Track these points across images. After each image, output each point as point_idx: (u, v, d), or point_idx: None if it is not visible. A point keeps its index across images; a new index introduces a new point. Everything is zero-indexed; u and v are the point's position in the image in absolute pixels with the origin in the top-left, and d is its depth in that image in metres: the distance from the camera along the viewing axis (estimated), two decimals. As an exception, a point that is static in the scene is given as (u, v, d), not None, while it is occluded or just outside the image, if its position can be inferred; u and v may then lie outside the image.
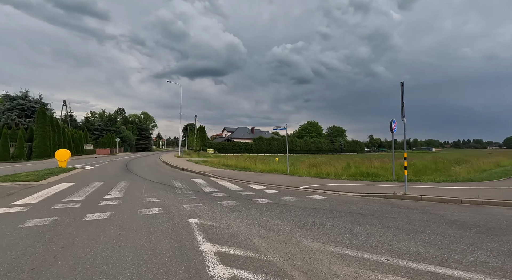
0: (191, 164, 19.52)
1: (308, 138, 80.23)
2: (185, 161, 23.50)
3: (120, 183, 9.51)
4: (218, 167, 16.76)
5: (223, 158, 26.21)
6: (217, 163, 20.30)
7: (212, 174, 12.87)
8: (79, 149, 33.93)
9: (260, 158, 25.21)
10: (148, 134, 76.86)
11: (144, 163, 22.49)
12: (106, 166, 18.22)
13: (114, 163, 21.76)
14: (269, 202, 6.47)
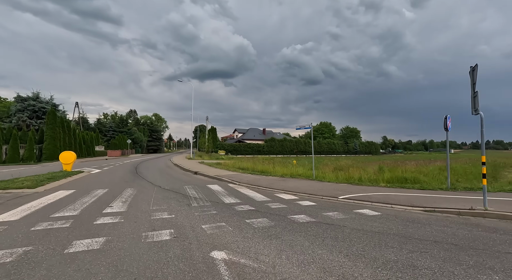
0: (204, 167, 18.23)
1: (321, 140, 78.00)
2: (197, 164, 22.27)
3: (126, 191, 8.23)
4: (234, 171, 15.36)
5: (237, 160, 24.84)
6: (231, 166, 18.93)
7: (229, 179, 11.47)
8: (90, 151, 33.41)
9: (277, 160, 23.69)
10: (159, 136, 76.67)
11: (155, 165, 21.40)
12: (115, 169, 17.16)
13: (123, 165, 20.76)
14: (312, 221, 4.96)
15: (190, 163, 23.38)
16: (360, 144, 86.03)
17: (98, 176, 12.68)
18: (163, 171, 16.21)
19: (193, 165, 20.64)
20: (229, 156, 36.49)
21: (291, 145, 69.95)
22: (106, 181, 10.77)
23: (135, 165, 20.69)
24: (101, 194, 7.67)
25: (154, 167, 19.46)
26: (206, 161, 24.88)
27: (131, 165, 21.31)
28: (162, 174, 14.23)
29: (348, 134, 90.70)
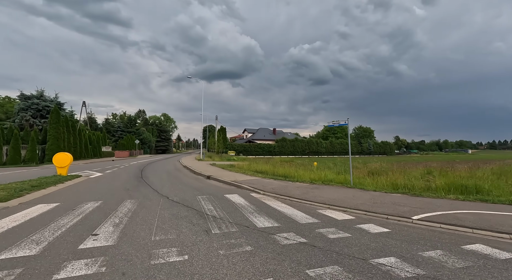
0: (217, 170, 16.35)
1: (334, 140, 75.32)
2: (208, 165, 20.42)
3: (124, 205, 6.36)
4: (252, 175, 13.38)
5: (251, 162, 22.87)
6: (247, 169, 16.99)
7: (249, 186, 9.50)
8: (97, 152, 32.12)
9: (296, 162, 21.62)
10: (168, 136, 75.62)
11: (163, 167, 19.66)
12: (119, 172, 15.45)
13: (129, 167, 19.10)
14: (417, 274, 2.91)
15: (201, 164, 21.57)
16: (374, 144, 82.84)
17: (96, 181, 10.92)
18: (172, 174, 14.40)
19: (204, 167, 18.81)
20: (241, 157, 34.59)
21: (303, 145, 67.63)
22: (103, 188, 8.96)
23: (142, 167, 19.00)
24: (90, 209, 5.81)
25: (162, 169, 17.71)
26: (217, 163, 23.03)
27: (137, 167, 19.64)
28: (170, 178, 12.39)
29: (361, 134, 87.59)
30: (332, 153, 72.15)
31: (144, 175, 13.50)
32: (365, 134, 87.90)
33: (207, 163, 24.69)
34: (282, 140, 64.93)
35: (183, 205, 6.51)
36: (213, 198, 7.49)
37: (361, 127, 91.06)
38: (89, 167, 18.81)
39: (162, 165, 23.19)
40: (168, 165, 23.24)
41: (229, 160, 31.32)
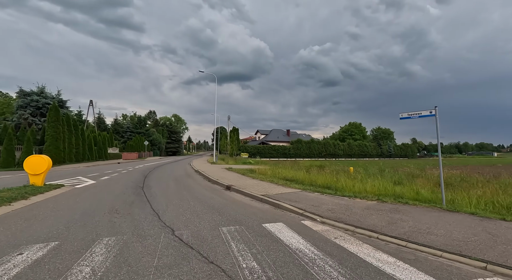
0: (237, 177, 13.35)
1: (352, 141, 71.22)
2: (224, 170, 17.46)
3: (91, 254, 3.39)
4: (285, 185, 10.26)
5: (273, 166, 19.73)
6: (272, 175, 13.93)
7: (293, 205, 6.42)
8: (102, 153, 29.82)
9: (329, 167, 18.34)
10: (179, 138, 73.54)
11: (171, 172, 16.84)
12: (117, 178, 12.66)
13: (132, 172, 16.36)
14: None
15: (215, 169, 18.64)
16: (394, 146, 78.11)
17: (79, 194, 8.06)
18: (181, 183, 11.48)
19: (219, 172, 15.84)
20: (258, 160, 31.59)
21: (319, 147, 64.04)
22: (80, 210, 6.06)
23: (147, 172, 16.22)
24: (15, 272, 2.86)
25: (170, 175, 14.86)
26: (234, 167, 20.04)
27: (142, 171, 16.89)
28: (180, 189, 9.44)
29: (380, 136, 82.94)
30: (350, 155, 68.18)
31: (146, 184, 10.63)
32: (384, 136, 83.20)
33: (221, 166, 21.76)
34: (298, 142, 61.56)
35: (200, 254, 3.48)
36: (247, 232, 4.45)
37: (380, 129, 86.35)
38: (86, 172, 16.20)
39: (171, 169, 20.43)
40: (177, 169, 20.46)
41: (245, 163, 28.32)
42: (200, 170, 17.65)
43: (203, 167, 21.51)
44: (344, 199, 7.46)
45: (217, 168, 19.67)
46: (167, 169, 19.67)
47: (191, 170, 18.84)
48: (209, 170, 17.84)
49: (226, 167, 20.69)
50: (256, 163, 28.52)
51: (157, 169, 19.32)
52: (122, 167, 21.58)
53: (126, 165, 24.06)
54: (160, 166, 23.19)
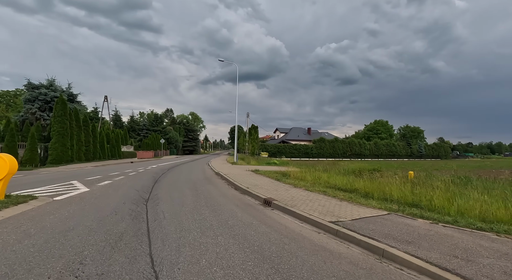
0: (269, 183, 10.26)
1: (379, 141, 66.17)
2: (250, 173, 14.46)
3: None
4: (350, 200, 7.01)
5: (306, 169, 16.48)
6: (312, 180, 10.80)
7: (417, 256, 3.20)
8: (115, 152, 27.80)
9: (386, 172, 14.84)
10: (196, 136, 71.68)
11: (187, 175, 14.04)
12: (119, 184, 9.94)
13: (142, 174, 13.73)
14: None
15: (239, 171, 15.66)
16: (425, 146, 72.03)
17: (42, 219, 5.18)
18: (201, 192, 8.54)
19: (245, 176, 12.82)
20: (283, 160, 28.39)
21: (344, 146, 59.72)
22: (21, 260, 3.19)
23: (159, 175, 13.52)
24: None
25: (187, 179, 12.01)
26: (261, 169, 16.96)
27: (153, 173, 14.23)
28: (199, 206, 6.47)
29: (409, 135, 76.92)
30: (377, 155, 63.29)
31: (154, 195, 7.78)
32: (413, 135, 77.09)
33: (244, 168, 18.79)
34: (320, 141, 57.62)
35: None
36: None
37: (408, 127, 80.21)
38: (88, 173, 13.75)
39: (187, 169, 17.71)
40: (195, 169, 17.71)
41: (269, 163, 25.22)
42: (222, 172, 14.75)
43: (224, 168, 18.65)
44: (459, 230, 4.16)
45: (240, 170, 16.71)
46: (183, 170, 16.96)
47: (210, 172, 16.00)
48: (232, 172, 14.90)
49: (251, 168, 17.68)
50: (281, 164, 25.34)
51: (172, 171, 16.65)
52: (133, 167, 19.16)
53: (138, 165, 21.70)
54: (176, 166, 20.60)
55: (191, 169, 18.24)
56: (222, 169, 17.18)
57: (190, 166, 21.60)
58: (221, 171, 15.36)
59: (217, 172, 15.56)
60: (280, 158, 47.23)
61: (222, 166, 20.64)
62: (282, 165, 24.34)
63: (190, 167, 20.96)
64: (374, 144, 64.02)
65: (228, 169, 17.29)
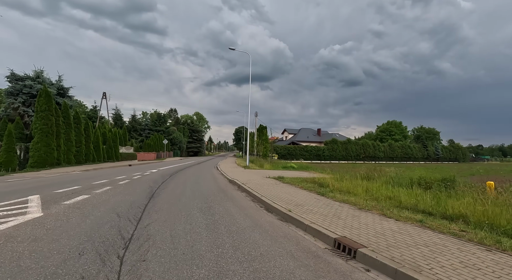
0: (312, 198, 7.14)
1: (393, 142, 62.57)
2: (274, 182, 11.33)
3: None
4: (467, 237, 3.86)
5: (339, 174, 13.27)
6: (363, 193, 7.64)
7: None
8: (112, 153, 24.88)
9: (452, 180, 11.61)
10: (201, 137, 68.82)
11: (195, 184, 10.96)
12: (93, 206, 6.77)
13: (135, 184, 10.69)
14: None
15: (257, 178, 12.52)
16: (442, 148, 68.17)
17: None
18: (217, 213, 5.49)
19: (269, 185, 9.66)
20: (301, 163, 25.20)
21: (357, 148, 56.32)
22: None
23: (158, 184, 10.48)
24: None
25: (194, 190, 8.90)
26: (284, 175, 13.77)
27: (151, 182, 11.18)
28: (219, 241, 3.38)
29: (424, 136, 73.10)
30: (392, 158, 59.67)
31: (144, 224, 4.71)
32: (429, 137, 73.25)
33: (261, 173, 15.67)
34: (333, 142, 54.30)
35: None
36: None
37: (423, 128, 76.42)
38: (67, 182, 10.80)
39: (194, 175, 14.67)
40: (203, 175, 14.66)
41: (286, 168, 22.05)
42: (238, 180, 11.67)
43: (237, 173, 15.57)
44: None
45: (258, 176, 13.60)
46: (189, 177, 13.93)
47: (223, 179, 12.92)
48: (250, 180, 11.80)
49: (270, 174, 14.55)
50: (300, 168, 22.17)
51: (175, 177, 13.63)
52: (129, 171, 16.19)
53: (136, 169, 18.73)
54: (180, 171, 17.58)
55: (199, 175, 15.18)
56: (236, 175, 14.09)
57: (196, 170, 18.55)
58: (236, 178, 12.26)
59: (231, 178, 12.47)
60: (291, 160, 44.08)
61: (233, 171, 17.56)
62: (302, 169, 21.19)
63: (197, 171, 17.92)
64: (389, 145, 60.46)
65: (243, 175, 14.19)
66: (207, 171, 18.11)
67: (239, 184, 10.48)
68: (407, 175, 11.38)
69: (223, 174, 15.70)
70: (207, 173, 16.80)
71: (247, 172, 16.67)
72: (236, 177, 13.27)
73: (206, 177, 13.86)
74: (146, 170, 17.80)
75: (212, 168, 22.04)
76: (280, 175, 13.53)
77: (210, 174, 16.10)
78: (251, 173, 15.83)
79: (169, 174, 14.78)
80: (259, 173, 16.31)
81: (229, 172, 16.46)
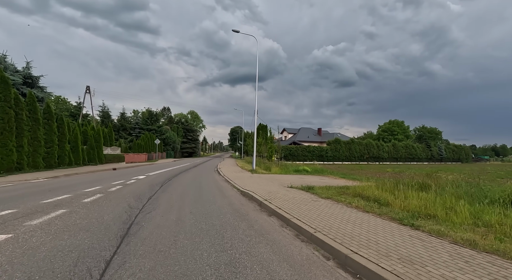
0: (388, 228, 4.07)
1: (397, 142, 60.29)
2: (309, 196, 8.20)
3: None
4: None
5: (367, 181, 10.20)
6: (466, 218, 4.54)
7: None
8: (94, 155, 21.33)
9: None
10: (196, 137, 65.23)
11: (196, 200, 7.75)
12: (15, 257, 3.60)
13: (110, 202, 7.42)
14: None
15: (277, 189, 9.33)
16: (446, 148, 66.26)
17: None
18: (246, 272, 2.30)
19: (304, 202, 6.49)
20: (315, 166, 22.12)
21: (361, 148, 53.75)
22: None
23: (143, 202, 7.24)
24: None
25: (197, 211, 5.70)
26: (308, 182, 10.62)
27: (133, 199, 7.91)
28: None
29: (426, 136, 71.11)
30: (396, 158, 57.35)
31: None
32: (431, 137, 71.34)
33: (276, 180, 12.54)
34: (336, 142, 51.56)
35: None
36: None
37: (425, 128, 74.48)
38: (6, 200, 7.49)
39: (192, 185, 11.45)
40: (204, 184, 11.43)
41: (299, 171, 18.97)
42: (253, 191, 8.53)
43: (246, 180, 12.41)
44: None
45: (276, 185, 10.49)
46: (185, 187, 10.72)
47: (232, 191, 9.74)
48: (270, 192, 8.66)
49: (289, 181, 11.42)
50: (315, 171, 19.10)
51: (168, 188, 10.41)
52: (110, 179, 12.89)
53: (121, 174, 15.42)
54: (174, 177, 14.33)
55: (199, 184, 11.96)
56: (246, 183, 10.93)
57: (195, 176, 15.32)
58: (250, 189, 9.10)
59: (243, 190, 9.30)
60: (292, 161, 41.04)
61: (239, 176, 14.41)
62: (317, 173, 18.16)
63: (195, 177, 14.69)
64: (393, 145, 58.10)
65: (255, 183, 11.02)
66: (208, 177, 14.89)
67: (260, 200, 7.34)
68: (487, 186, 8.38)
69: (228, 181, 12.51)
70: (209, 180, 13.59)
71: (257, 178, 13.53)
72: (248, 186, 10.12)
73: (209, 187, 10.65)
74: (132, 175, 14.47)
75: (212, 172, 18.80)
76: (304, 183, 10.41)
77: (212, 181, 12.90)
78: (263, 180, 12.68)
79: (160, 183, 11.52)
80: (272, 179, 13.18)
81: (235, 178, 13.29)
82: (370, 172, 24.91)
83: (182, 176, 14.88)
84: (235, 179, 13.26)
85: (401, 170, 28.59)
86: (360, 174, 21.36)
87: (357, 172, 24.02)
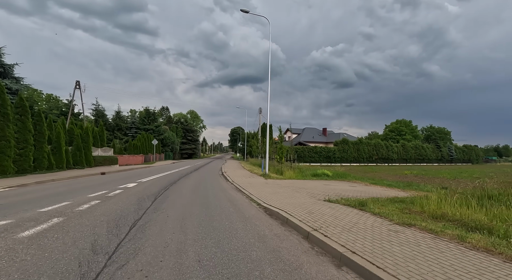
0: None
1: (406, 143, 57.74)
2: (381, 223, 5.57)
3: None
4: None
5: (433, 191, 7.58)
6: None
7: None
8: (81, 157, 18.64)
9: None
10: (196, 138, 62.53)
11: (208, 221, 5.08)
12: None
13: (74, 230, 4.76)
14: None
15: (314, 204, 6.68)
16: (455, 148, 63.75)
17: None
18: None
19: (373, 231, 3.87)
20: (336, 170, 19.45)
21: (369, 149, 51.14)
22: None
23: (127, 228, 4.59)
24: None
25: (212, 262, 3.09)
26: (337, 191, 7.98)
27: (115, 220, 5.27)
28: None
29: (434, 136, 68.56)
30: (406, 159, 54.77)
31: None
32: (440, 137, 68.78)
33: (296, 187, 9.89)
34: (344, 143, 48.96)
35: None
36: None
37: (433, 128, 71.94)
38: None
39: (196, 196, 8.81)
40: (211, 196, 8.78)
41: (318, 176, 16.33)
42: (286, 210, 5.91)
43: (262, 189, 9.76)
44: None
45: (304, 196, 7.89)
46: (187, 201, 8.10)
47: (251, 209, 7.09)
48: (309, 211, 6.04)
49: (318, 191, 8.82)
50: (337, 176, 16.46)
51: (163, 204, 7.81)
52: (92, 188, 10.28)
53: (108, 181, 12.79)
54: (172, 185, 11.70)
55: (205, 196, 9.31)
56: (267, 195, 8.28)
57: (198, 183, 12.67)
58: (278, 207, 6.47)
59: (267, 206, 6.66)
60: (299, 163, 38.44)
61: (252, 183, 11.77)
62: (339, 178, 15.55)
63: (198, 185, 12.03)
64: (402, 146, 55.55)
65: (278, 194, 8.37)
66: (214, 185, 12.24)
67: (304, 227, 4.72)
68: None
69: (240, 190, 9.88)
70: (215, 188, 10.94)
71: (275, 186, 10.89)
72: (271, 200, 7.49)
73: (218, 201, 8.02)
74: (121, 182, 11.83)
75: (217, 177, 16.17)
76: (338, 194, 7.75)
77: (220, 190, 10.25)
78: (284, 188, 10.05)
79: (153, 195, 8.87)
80: (294, 186, 10.55)
81: (247, 186, 10.66)
82: (387, 175, 22.36)
83: (182, 183, 12.24)
84: (248, 186, 10.64)
85: (418, 172, 26.09)
86: (381, 177, 18.77)
87: (373, 175, 21.47)
